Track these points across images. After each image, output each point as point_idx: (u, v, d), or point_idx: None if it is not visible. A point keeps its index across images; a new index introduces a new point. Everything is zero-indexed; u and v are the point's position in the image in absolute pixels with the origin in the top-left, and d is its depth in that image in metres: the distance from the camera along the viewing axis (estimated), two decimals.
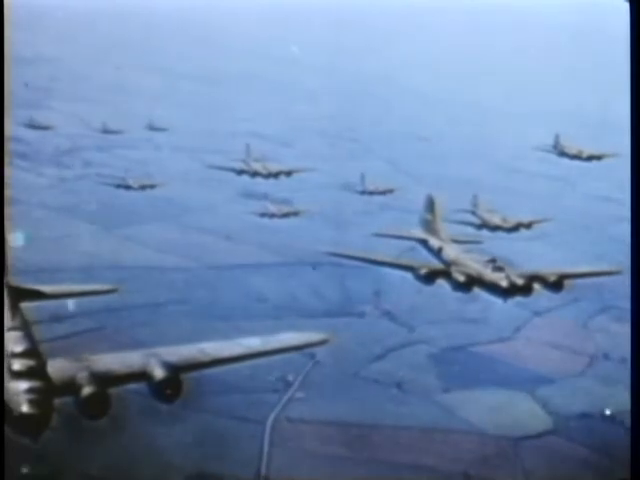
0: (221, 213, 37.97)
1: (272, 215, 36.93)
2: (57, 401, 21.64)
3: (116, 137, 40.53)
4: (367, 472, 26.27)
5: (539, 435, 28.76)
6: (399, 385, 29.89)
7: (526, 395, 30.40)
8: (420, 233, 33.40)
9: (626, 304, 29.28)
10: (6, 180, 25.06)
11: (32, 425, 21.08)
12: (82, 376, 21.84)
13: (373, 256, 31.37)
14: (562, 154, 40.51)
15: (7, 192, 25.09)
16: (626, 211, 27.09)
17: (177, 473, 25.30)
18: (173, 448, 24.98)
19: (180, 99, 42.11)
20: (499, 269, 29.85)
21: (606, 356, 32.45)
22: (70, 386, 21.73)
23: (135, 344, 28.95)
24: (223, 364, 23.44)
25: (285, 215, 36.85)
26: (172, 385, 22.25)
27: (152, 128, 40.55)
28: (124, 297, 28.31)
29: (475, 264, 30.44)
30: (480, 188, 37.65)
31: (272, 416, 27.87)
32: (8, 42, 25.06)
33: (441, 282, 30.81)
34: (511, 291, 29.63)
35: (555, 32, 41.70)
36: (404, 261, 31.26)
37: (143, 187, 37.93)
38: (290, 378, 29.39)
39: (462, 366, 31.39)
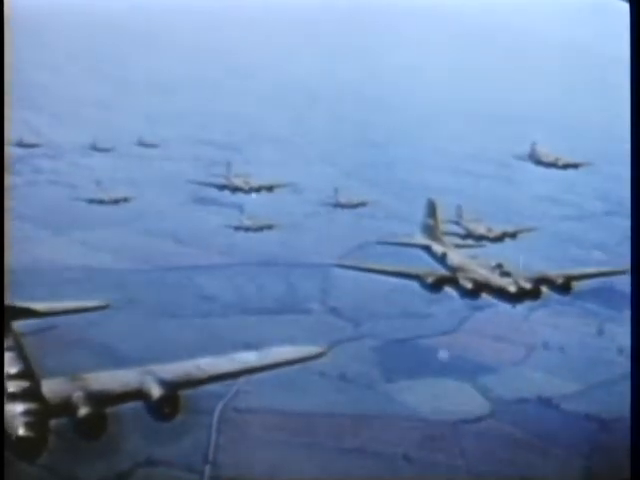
0: (175, 217, 39.00)
1: (247, 228, 37.32)
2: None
3: (66, 145, 41.44)
4: (310, 457, 27.42)
5: (477, 419, 29.95)
6: (343, 376, 30.95)
7: (466, 383, 31.57)
8: (422, 239, 33.15)
9: (563, 298, 30.70)
10: None
11: (29, 448, 20.64)
12: (78, 396, 21.44)
13: (378, 267, 31.04)
14: (538, 162, 40.46)
15: None
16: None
17: (127, 460, 26.16)
18: (123, 436, 25.17)
19: (130, 106, 43.13)
20: (506, 274, 29.58)
21: (545, 345, 33.57)
22: (66, 407, 21.25)
23: (86, 342, 30.14)
24: (219, 380, 23.41)
25: (259, 229, 37.21)
26: (170, 403, 21.94)
27: (99, 136, 41.23)
28: (77, 298, 28.98)
29: (482, 270, 30.11)
30: (463, 198, 37.95)
31: (220, 406, 28.86)
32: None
33: (382, 279, 31.34)
34: (520, 296, 29.36)
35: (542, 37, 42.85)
36: (411, 270, 30.62)
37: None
38: None
39: (405, 358, 32.46)
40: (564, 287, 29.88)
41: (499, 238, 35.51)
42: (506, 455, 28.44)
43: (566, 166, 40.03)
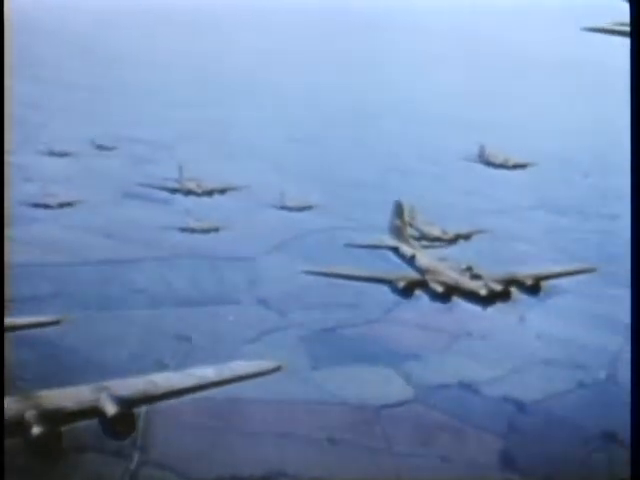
0: (104, 213, 39.45)
1: (193, 230, 37.74)
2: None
3: None
4: (238, 441, 28.14)
5: (400, 404, 30.89)
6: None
7: (391, 370, 32.49)
8: (390, 240, 33.14)
9: None
10: None
11: None
12: (31, 414, 20.86)
13: (349, 272, 31.16)
14: (488, 163, 40.94)
15: None
16: None
17: None
18: None
19: (60, 106, 43.46)
20: (476, 277, 29.64)
21: (469, 333, 34.51)
22: (19, 426, 20.69)
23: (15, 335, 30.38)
24: (176, 396, 23.09)
25: (206, 231, 37.65)
26: (125, 420, 21.60)
27: (31, 136, 41.52)
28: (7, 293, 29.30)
29: (452, 272, 30.15)
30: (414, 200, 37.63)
31: None
32: None
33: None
34: (490, 298, 29.44)
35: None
36: (382, 275, 30.77)
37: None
38: (167, 361, 31.03)
39: (331, 346, 33.32)
40: (533, 288, 30.22)
41: (453, 240, 35.80)
42: (427, 437, 29.41)
43: (515, 166, 40.74)
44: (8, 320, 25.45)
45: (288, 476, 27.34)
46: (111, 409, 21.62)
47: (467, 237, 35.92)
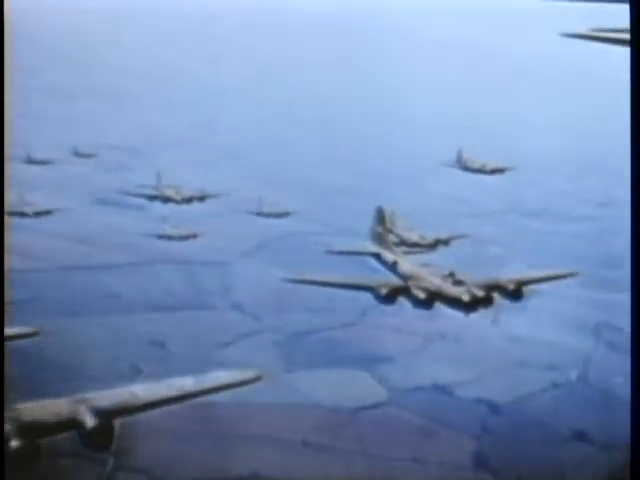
0: (80, 219, 39.55)
1: (170, 237, 37.70)
2: None
3: None
4: (212, 445, 28.29)
5: (375, 406, 31.14)
6: (243, 368, 31.78)
7: (366, 373, 32.76)
8: (372, 247, 32.92)
9: None
10: None
11: None
12: (8, 428, 20.68)
13: (331, 279, 30.90)
14: (466, 168, 41.06)
15: None
16: None
17: None
18: None
19: (37, 113, 43.54)
20: (459, 283, 29.40)
21: (443, 336, 34.81)
22: None
23: None
24: (156, 407, 22.95)
25: (184, 237, 37.64)
26: (104, 432, 21.47)
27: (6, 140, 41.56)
28: None
29: (434, 279, 29.87)
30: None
31: None
32: None
33: (282, 275, 31.93)
34: (473, 304, 29.21)
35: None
36: (364, 282, 30.55)
37: None
38: (141, 366, 31.17)
39: (306, 350, 33.56)
40: (515, 293, 30.04)
41: (432, 245, 35.67)
42: (401, 439, 29.67)
43: (493, 171, 40.87)
44: None
45: (263, 479, 27.51)
46: (90, 421, 21.50)
47: (446, 242, 35.90)
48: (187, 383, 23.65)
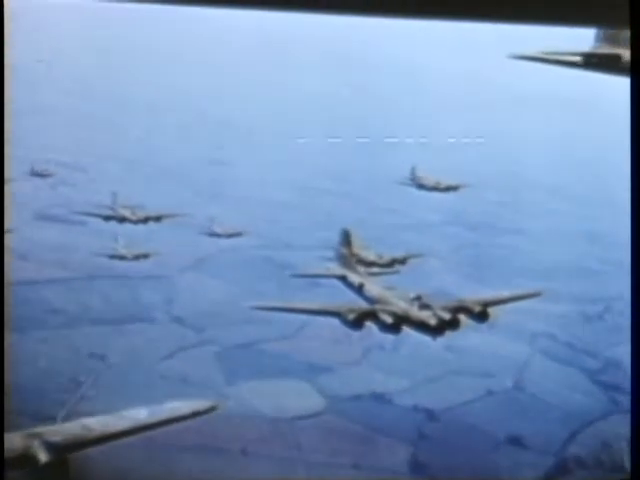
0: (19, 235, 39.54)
1: (122, 257, 37.32)
2: None
3: None
4: (152, 456, 28.43)
5: (313, 415, 31.59)
6: (184, 380, 32.19)
7: (305, 384, 33.21)
8: (338, 269, 32.75)
9: None
10: None
11: None
12: None
13: (298, 305, 31.00)
14: (420, 186, 41.04)
15: None
16: None
17: None
18: None
19: None
20: (425, 306, 29.25)
21: (381, 347, 35.24)
22: None
23: None
24: (110, 440, 22.91)
25: (136, 257, 37.26)
26: (59, 467, 21.35)
27: None
28: None
29: (400, 302, 29.65)
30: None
31: (63, 413, 29.61)
32: None
33: (223, 288, 32.33)
34: (440, 328, 29.06)
35: None
36: (330, 307, 30.19)
37: None
38: (82, 379, 31.34)
39: (246, 362, 33.93)
40: (481, 314, 29.89)
41: (389, 264, 35.41)
42: (339, 446, 30.16)
43: (447, 189, 40.98)
44: None
45: None
46: (43, 456, 21.39)
47: (402, 261, 35.74)
48: (141, 414, 23.73)
